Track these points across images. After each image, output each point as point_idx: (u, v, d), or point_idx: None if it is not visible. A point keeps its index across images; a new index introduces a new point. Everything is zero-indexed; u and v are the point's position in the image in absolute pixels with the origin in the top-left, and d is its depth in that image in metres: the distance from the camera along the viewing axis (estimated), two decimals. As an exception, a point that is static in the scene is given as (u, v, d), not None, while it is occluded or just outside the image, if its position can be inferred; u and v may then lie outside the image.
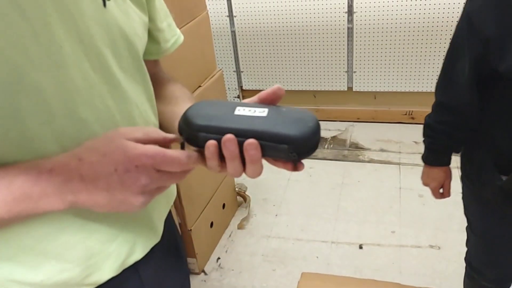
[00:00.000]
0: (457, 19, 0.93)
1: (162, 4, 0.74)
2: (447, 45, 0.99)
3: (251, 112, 0.50)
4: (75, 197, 0.49)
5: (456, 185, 1.09)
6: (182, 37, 0.80)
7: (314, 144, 0.50)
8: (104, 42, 0.55)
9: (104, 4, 0.55)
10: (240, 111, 0.51)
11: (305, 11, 2.53)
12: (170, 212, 0.79)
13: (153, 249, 0.69)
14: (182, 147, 0.53)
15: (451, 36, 0.97)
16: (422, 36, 2.41)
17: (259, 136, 0.48)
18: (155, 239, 0.70)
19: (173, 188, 0.79)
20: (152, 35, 0.72)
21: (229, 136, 0.48)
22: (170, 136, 0.55)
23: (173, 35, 0.78)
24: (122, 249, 0.63)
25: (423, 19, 2.36)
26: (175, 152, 0.50)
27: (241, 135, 0.48)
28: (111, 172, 0.49)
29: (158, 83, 0.75)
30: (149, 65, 0.69)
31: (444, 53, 1.00)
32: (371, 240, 1.95)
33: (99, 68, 0.55)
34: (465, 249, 1.27)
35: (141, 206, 0.51)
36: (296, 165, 0.51)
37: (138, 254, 0.66)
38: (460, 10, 0.93)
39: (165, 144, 0.54)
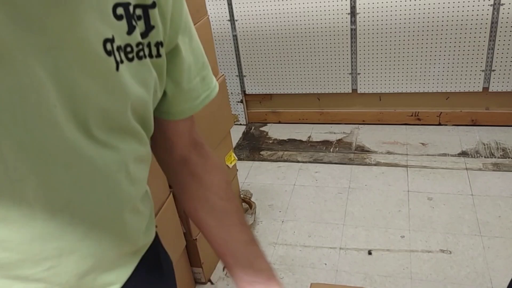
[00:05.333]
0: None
1: (199, 56, 0.62)
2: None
3: None
4: None
5: (465, 188, 1.05)
6: (216, 89, 0.65)
7: None
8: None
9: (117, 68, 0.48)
10: None
11: (307, 13, 2.50)
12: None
13: (129, 279, 0.61)
14: None
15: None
16: (427, 36, 2.37)
17: None
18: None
19: (148, 209, 0.65)
20: (175, 96, 0.60)
21: None
22: None
23: (205, 90, 0.63)
24: None
25: (427, 18, 2.32)
26: None
27: None
28: None
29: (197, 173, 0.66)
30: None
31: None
32: (380, 246, 1.90)
33: None
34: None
35: None
36: None
37: None
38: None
39: None
